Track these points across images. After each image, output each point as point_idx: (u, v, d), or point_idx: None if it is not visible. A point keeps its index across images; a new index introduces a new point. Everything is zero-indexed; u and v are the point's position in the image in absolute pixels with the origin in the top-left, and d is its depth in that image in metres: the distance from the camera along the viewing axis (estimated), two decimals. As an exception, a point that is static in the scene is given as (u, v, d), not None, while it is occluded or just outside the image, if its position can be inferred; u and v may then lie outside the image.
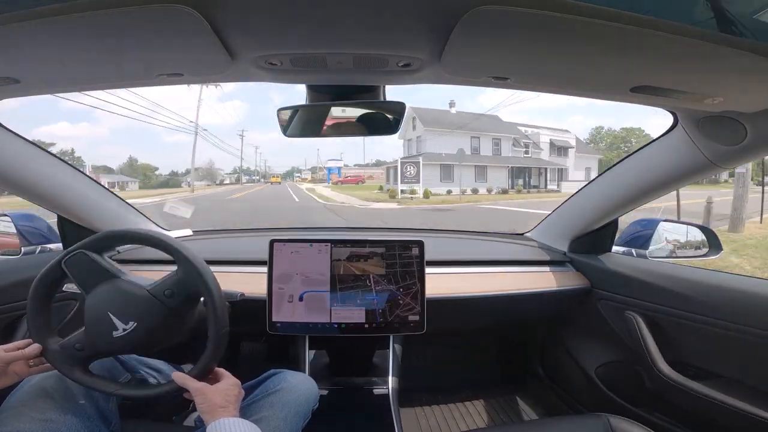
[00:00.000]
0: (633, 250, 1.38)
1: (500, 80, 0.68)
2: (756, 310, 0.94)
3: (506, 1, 0.44)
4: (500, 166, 24.28)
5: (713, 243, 1.29)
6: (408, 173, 20.40)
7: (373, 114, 0.88)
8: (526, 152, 26.41)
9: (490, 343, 1.86)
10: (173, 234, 1.59)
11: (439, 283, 1.27)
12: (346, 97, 0.82)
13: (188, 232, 1.66)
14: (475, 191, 22.42)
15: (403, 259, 1.17)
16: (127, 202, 1.45)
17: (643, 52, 0.53)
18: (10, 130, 0.98)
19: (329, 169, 39.12)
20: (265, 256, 1.16)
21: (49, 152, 1.11)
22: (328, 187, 29.83)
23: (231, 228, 1.97)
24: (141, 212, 1.51)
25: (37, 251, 1.27)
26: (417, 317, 1.16)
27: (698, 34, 0.46)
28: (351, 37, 0.56)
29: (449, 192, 21.27)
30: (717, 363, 1.07)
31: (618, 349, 1.34)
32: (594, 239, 1.40)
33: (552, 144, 28.20)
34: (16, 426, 0.72)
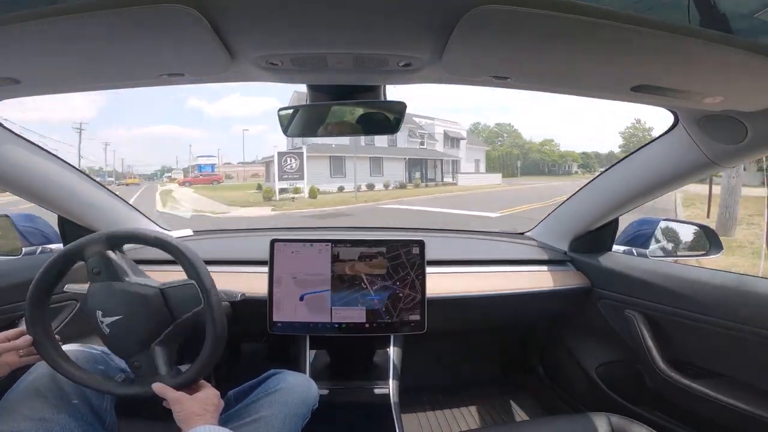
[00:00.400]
0: (633, 250, 1.38)
1: (500, 80, 0.68)
2: (756, 309, 0.94)
3: (507, 1, 0.44)
4: (397, 158, 22.39)
5: (714, 242, 1.29)
6: (289, 168, 16.98)
7: (373, 113, 0.88)
8: (422, 144, 25.17)
9: (490, 343, 1.86)
10: (174, 234, 1.59)
11: (440, 283, 1.27)
12: (346, 96, 0.82)
13: (189, 232, 1.66)
14: (370, 187, 19.92)
15: (404, 259, 1.17)
16: (128, 203, 1.45)
17: (643, 52, 0.53)
18: (10, 130, 0.98)
19: (200, 167, 33.26)
20: (266, 256, 1.16)
21: (49, 152, 1.11)
22: (190, 189, 24.22)
23: (232, 228, 1.97)
24: (142, 213, 1.51)
25: (38, 252, 1.27)
26: (417, 317, 1.16)
27: (698, 33, 0.46)
28: (351, 36, 0.56)
29: (341, 189, 18.64)
30: (717, 362, 1.07)
31: (618, 349, 1.34)
32: (594, 238, 1.41)
33: (446, 135, 27.65)
34: (9, 425, 0.73)
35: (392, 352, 1.24)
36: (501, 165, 38.95)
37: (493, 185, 25.16)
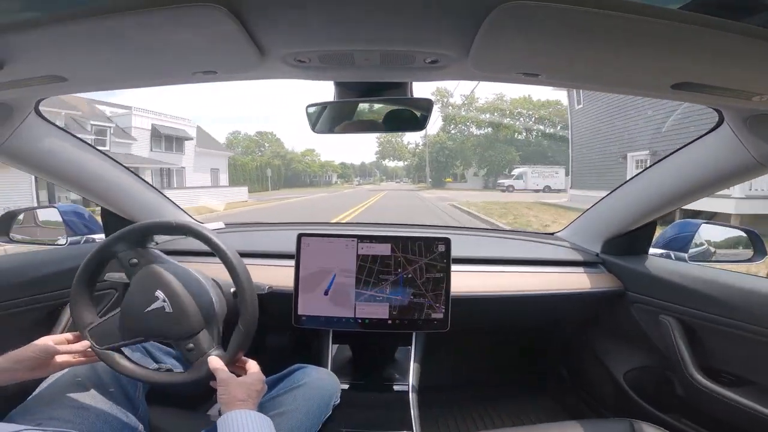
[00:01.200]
0: (671, 253, 1.32)
1: (531, 77, 0.67)
2: None
3: None
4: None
5: (758, 247, 1.22)
6: None
7: (400, 110, 0.88)
8: (99, 140, 15.65)
9: (513, 343, 1.83)
10: (209, 227, 1.64)
11: (465, 281, 1.26)
12: (373, 93, 0.83)
13: (221, 224, 1.72)
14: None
15: (429, 256, 1.17)
16: (166, 196, 1.51)
17: (684, 48, 0.51)
18: (54, 124, 1.04)
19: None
20: (293, 250, 1.18)
21: (93, 147, 1.17)
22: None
23: (262, 221, 2.02)
24: (178, 206, 1.57)
25: (82, 242, 1.34)
26: (441, 315, 1.16)
27: (744, 30, 0.43)
28: (379, 34, 0.56)
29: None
30: (753, 371, 1.02)
31: (649, 354, 1.29)
32: (629, 241, 1.35)
33: (156, 132, 19.22)
34: (49, 413, 0.75)
35: (413, 349, 1.24)
36: (259, 177, 33.63)
37: (233, 204, 17.38)
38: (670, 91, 0.66)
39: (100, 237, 1.37)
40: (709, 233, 1.31)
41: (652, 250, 1.36)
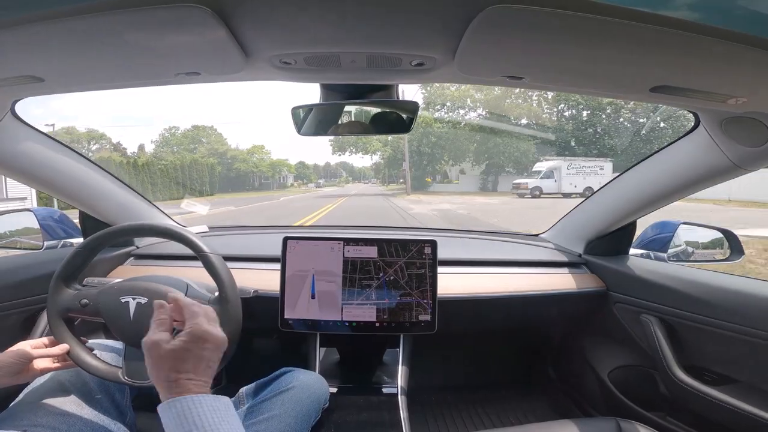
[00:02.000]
0: (651, 253, 1.35)
1: (515, 80, 0.67)
2: None
3: (522, 0, 0.44)
4: None
5: (735, 247, 1.26)
6: None
7: (386, 113, 0.89)
8: None
9: (501, 344, 1.84)
10: (192, 230, 1.62)
11: (452, 283, 1.27)
12: (359, 96, 0.82)
13: (204, 228, 1.69)
14: None
15: (416, 259, 1.17)
16: (148, 199, 1.48)
17: (663, 52, 0.52)
18: (33, 127, 1.01)
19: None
20: (279, 253, 1.17)
21: (71, 148, 1.14)
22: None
23: (246, 225, 2.00)
24: (160, 209, 1.54)
25: (59, 246, 1.31)
26: (428, 317, 1.16)
27: (721, 33, 0.45)
28: (365, 36, 0.56)
29: None
30: (734, 369, 1.04)
31: (633, 353, 1.31)
32: (611, 241, 1.38)
33: None
34: (33, 420, 0.74)
35: (402, 351, 1.24)
36: (187, 180, 27.48)
37: None
38: (649, 95, 0.68)
39: (78, 241, 1.34)
40: (687, 233, 1.34)
41: (632, 251, 1.39)
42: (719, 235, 1.31)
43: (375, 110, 0.88)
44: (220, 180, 33.48)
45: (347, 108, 0.88)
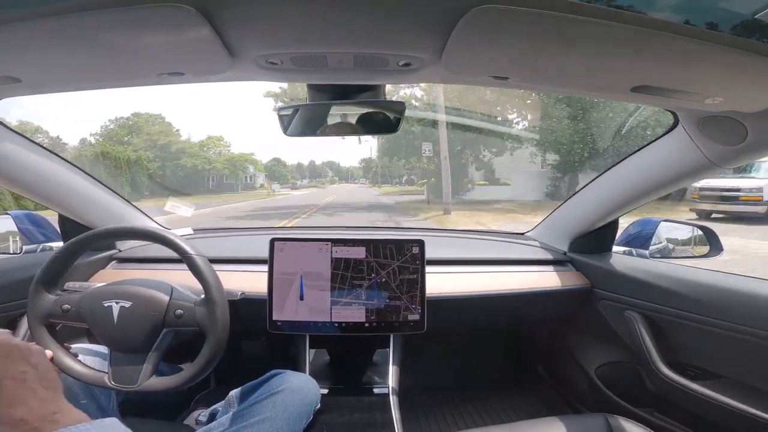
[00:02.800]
0: (633, 250, 1.38)
1: (500, 80, 0.68)
2: (756, 310, 0.94)
3: (507, 1, 0.44)
4: None
5: (714, 244, 1.29)
6: None
7: (373, 113, 0.89)
8: None
9: (490, 343, 1.86)
10: (177, 232, 1.59)
11: (440, 283, 1.28)
12: (346, 96, 0.82)
13: (189, 230, 1.66)
14: None
15: (404, 258, 1.17)
16: (130, 202, 1.45)
17: (643, 53, 0.53)
18: (10, 128, 0.99)
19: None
20: (266, 255, 1.16)
21: (49, 150, 1.11)
22: None
23: (232, 227, 1.98)
24: (143, 211, 1.51)
25: (39, 250, 1.27)
26: (417, 317, 1.17)
27: (699, 34, 0.46)
28: (351, 36, 0.56)
29: None
30: (717, 363, 1.07)
31: (618, 350, 1.34)
32: (594, 239, 1.41)
33: None
34: None
35: (392, 351, 1.25)
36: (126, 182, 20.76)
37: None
38: (629, 94, 0.69)
39: (57, 245, 1.30)
40: (668, 231, 1.37)
41: (615, 248, 1.42)
42: (699, 232, 1.34)
43: (362, 110, 0.88)
44: (160, 179, 26.51)
45: (334, 108, 0.88)
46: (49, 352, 0.79)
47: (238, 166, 34.53)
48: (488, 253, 1.50)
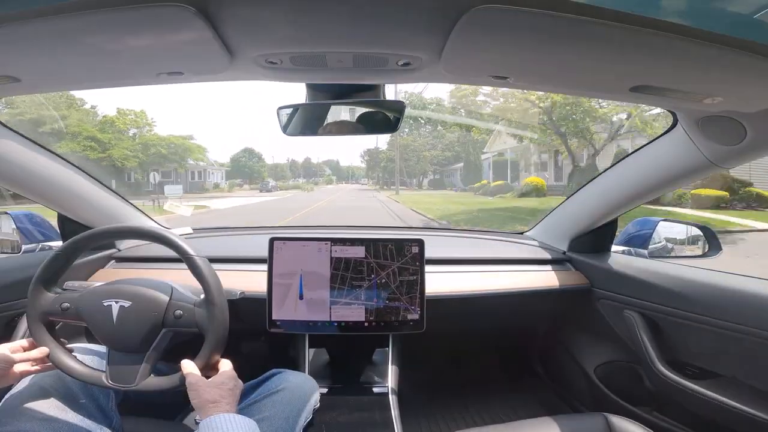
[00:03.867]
0: (632, 250, 1.38)
1: (499, 79, 0.68)
2: (754, 309, 0.94)
3: (507, 1, 0.44)
4: None
5: (713, 243, 1.29)
6: None
7: (373, 113, 0.89)
8: None
9: (489, 342, 1.86)
10: (176, 232, 1.59)
11: (439, 282, 1.28)
12: (346, 95, 0.82)
13: (188, 230, 1.66)
14: None
15: (403, 258, 1.17)
16: (128, 201, 1.45)
17: (642, 53, 0.53)
18: (10, 127, 0.98)
19: None
20: (265, 254, 1.16)
21: (49, 150, 1.11)
22: None
23: (231, 226, 1.98)
24: (142, 211, 1.51)
25: (38, 249, 1.27)
26: (416, 316, 1.17)
27: (698, 34, 0.46)
28: (351, 36, 0.56)
29: None
30: (716, 363, 1.07)
31: (617, 349, 1.34)
32: (593, 238, 1.41)
33: None
34: (16, 426, 0.72)
35: (391, 351, 1.25)
36: None
37: None
38: (628, 94, 0.69)
39: (57, 245, 1.30)
40: (666, 230, 1.38)
41: (614, 247, 1.42)
42: (698, 231, 1.34)
43: (362, 110, 0.88)
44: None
45: (333, 108, 0.87)
46: (45, 349, 0.79)
47: (168, 156, 22.15)
48: (487, 252, 1.50)
